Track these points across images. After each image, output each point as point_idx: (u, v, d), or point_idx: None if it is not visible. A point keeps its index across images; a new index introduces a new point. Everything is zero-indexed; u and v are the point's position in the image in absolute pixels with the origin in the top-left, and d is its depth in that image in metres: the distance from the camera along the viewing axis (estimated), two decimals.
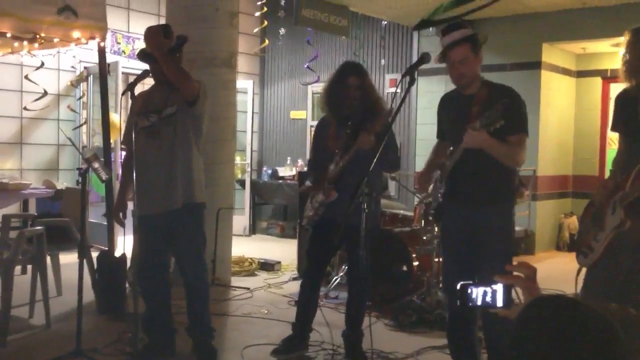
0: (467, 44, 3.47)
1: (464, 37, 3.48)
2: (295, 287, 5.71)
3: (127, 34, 9.11)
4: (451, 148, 3.54)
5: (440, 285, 5.60)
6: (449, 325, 3.81)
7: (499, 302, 1.71)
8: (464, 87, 3.56)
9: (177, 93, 4.04)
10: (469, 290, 1.73)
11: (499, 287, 1.71)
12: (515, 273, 1.77)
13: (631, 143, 3.16)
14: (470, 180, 3.47)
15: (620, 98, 3.26)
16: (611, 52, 8.76)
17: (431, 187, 3.81)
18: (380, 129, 3.98)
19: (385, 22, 9.52)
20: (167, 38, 4.04)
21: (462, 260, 3.56)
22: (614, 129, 3.31)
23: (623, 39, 3.24)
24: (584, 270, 3.27)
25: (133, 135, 3.99)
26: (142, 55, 4.19)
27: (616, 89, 9.58)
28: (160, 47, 3.96)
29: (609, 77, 9.11)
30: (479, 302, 1.72)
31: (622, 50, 3.25)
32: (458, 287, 1.74)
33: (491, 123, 3.18)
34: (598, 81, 9.34)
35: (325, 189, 4.21)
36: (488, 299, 1.72)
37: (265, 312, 5.51)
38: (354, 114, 4.22)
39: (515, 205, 3.63)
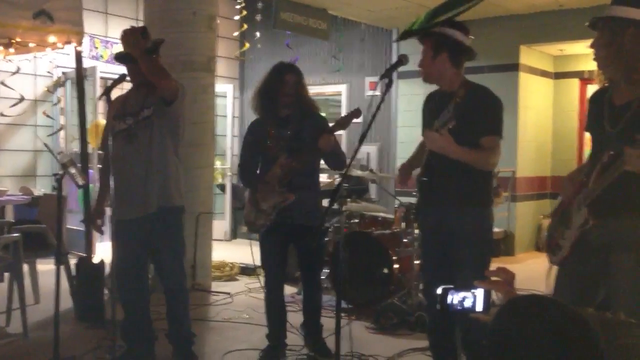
0: (428, 41, 3.51)
1: (427, 33, 3.53)
2: None
3: (104, 39, 9.03)
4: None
5: (421, 287, 5.62)
6: (430, 328, 3.81)
7: (479, 307, 1.71)
8: (434, 83, 3.60)
9: (154, 95, 4.00)
10: (449, 295, 1.73)
11: (479, 292, 1.71)
12: (494, 278, 1.78)
13: (599, 144, 3.18)
14: (443, 182, 3.46)
15: (591, 99, 3.28)
16: (588, 53, 8.75)
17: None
18: (341, 129, 4.05)
19: (365, 25, 9.53)
20: (144, 39, 4.00)
21: (438, 262, 3.56)
22: (586, 128, 3.33)
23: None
24: (554, 268, 3.28)
25: (109, 140, 3.95)
26: (120, 57, 4.15)
27: (593, 90, 9.72)
28: (138, 45, 3.92)
29: (586, 79, 9.20)
30: (459, 307, 1.72)
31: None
32: (439, 291, 1.74)
33: (445, 123, 3.21)
34: (575, 82, 9.42)
35: (278, 192, 4.14)
36: (468, 303, 1.72)
37: (246, 316, 5.48)
38: (291, 114, 4.21)
39: (492, 208, 3.62)
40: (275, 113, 4.26)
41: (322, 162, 4.34)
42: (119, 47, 8.56)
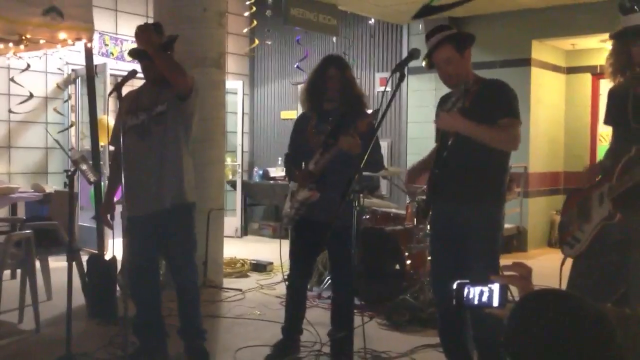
0: (449, 45, 3.45)
1: (445, 37, 3.46)
2: None
3: (114, 36, 9.04)
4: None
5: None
6: (440, 325, 3.79)
7: (495, 302, 1.69)
8: (456, 86, 3.53)
9: (168, 91, 3.98)
10: (465, 290, 1.70)
11: (495, 287, 1.69)
12: (510, 272, 1.75)
13: (621, 138, 3.16)
14: (454, 176, 3.43)
15: (612, 93, 3.25)
16: (601, 47, 8.77)
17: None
18: (365, 129, 3.79)
19: (374, 21, 9.50)
20: (158, 35, 4.00)
21: (448, 258, 3.53)
22: (606, 122, 3.31)
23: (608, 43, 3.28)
24: (568, 261, 3.25)
25: (121, 135, 3.94)
26: (134, 53, 4.13)
27: (606, 84, 9.65)
28: (152, 42, 3.91)
29: (598, 73, 9.12)
30: (475, 302, 1.70)
31: (607, 50, 3.28)
32: (454, 286, 1.72)
33: (456, 102, 3.20)
34: (588, 77, 9.35)
35: (308, 187, 4.08)
36: (484, 298, 1.69)
37: (258, 313, 5.47)
38: (335, 109, 4.14)
39: (504, 205, 3.57)
40: (320, 107, 4.21)
41: None
42: (129, 45, 8.66)
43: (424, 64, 3.53)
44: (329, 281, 6.04)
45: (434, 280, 3.88)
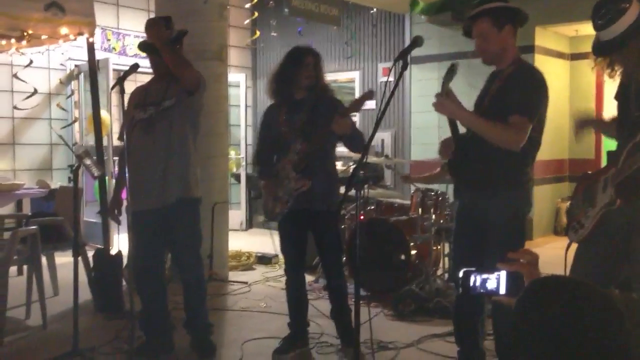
0: (487, 18, 3.30)
1: (485, 10, 3.32)
2: None
3: (117, 31, 9.03)
4: None
5: (438, 273, 5.60)
6: (455, 311, 3.76)
7: (502, 290, 1.67)
8: (494, 63, 3.42)
9: (176, 85, 3.98)
10: (472, 277, 1.69)
11: (502, 274, 1.67)
12: (515, 259, 1.74)
13: (621, 124, 3.14)
14: (474, 166, 3.37)
15: (622, 81, 3.24)
16: None
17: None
18: (358, 110, 3.93)
19: (376, 10, 9.46)
20: (168, 29, 4.01)
21: (469, 247, 3.48)
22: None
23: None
24: (573, 245, 3.23)
25: (126, 130, 3.94)
26: (143, 46, 4.14)
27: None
28: (161, 36, 3.92)
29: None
30: (482, 290, 1.69)
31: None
32: (460, 274, 1.71)
33: (444, 84, 3.16)
34: (592, 64, 9.28)
35: (294, 178, 4.06)
36: (491, 286, 1.68)
37: (264, 305, 5.48)
38: (305, 98, 4.12)
39: (526, 194, 3.44)
40: (290, 97, 4.17)
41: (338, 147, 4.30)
42: (131, 39, 8.64)
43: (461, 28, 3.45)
44: None
45: (453, 267, 3.89)
